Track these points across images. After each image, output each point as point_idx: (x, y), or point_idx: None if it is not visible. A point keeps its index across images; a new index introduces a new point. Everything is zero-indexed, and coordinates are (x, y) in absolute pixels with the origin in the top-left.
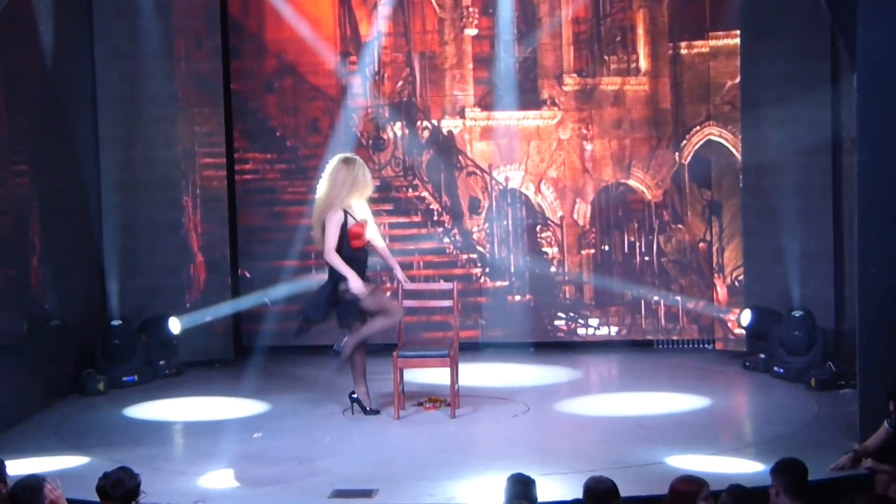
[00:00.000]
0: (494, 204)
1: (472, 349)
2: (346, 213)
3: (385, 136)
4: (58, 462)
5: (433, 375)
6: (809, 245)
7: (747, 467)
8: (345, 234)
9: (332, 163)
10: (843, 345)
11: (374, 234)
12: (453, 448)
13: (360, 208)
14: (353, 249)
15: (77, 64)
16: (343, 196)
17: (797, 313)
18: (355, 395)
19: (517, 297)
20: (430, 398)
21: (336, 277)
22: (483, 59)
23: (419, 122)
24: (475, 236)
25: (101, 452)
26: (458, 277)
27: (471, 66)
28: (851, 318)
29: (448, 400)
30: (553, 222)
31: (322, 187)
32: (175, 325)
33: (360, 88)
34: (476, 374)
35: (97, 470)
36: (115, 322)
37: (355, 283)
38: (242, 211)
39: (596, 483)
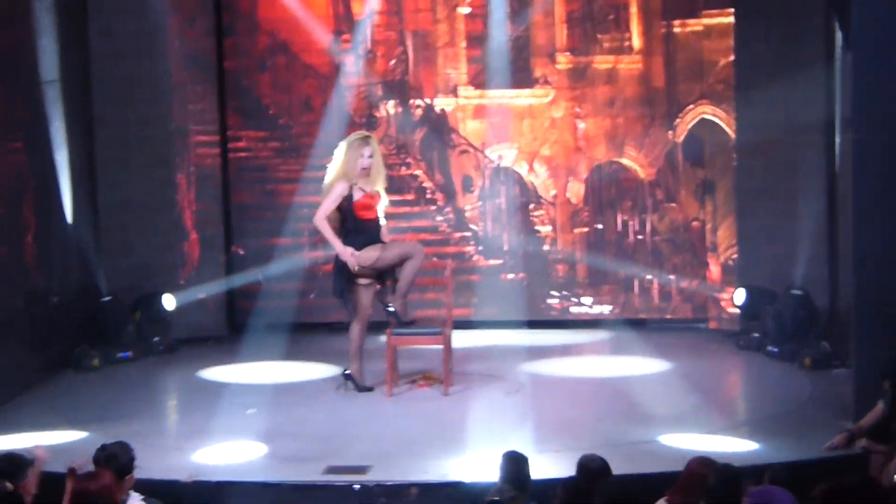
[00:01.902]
0: (487, 182)
1: (465, 327)
2: (351, 186)
3: (378, 115)
4: (53, 437)
5: (426, 353)
6: (803, 224)
7: (741, 446)
8: (349, 205)
9: (347, 139)
10: (837, 324)
11: (380, 213)
12: (446, 425)
13: (375, 187)
14: (361, 220)
15: (71, 41)
16: (349, 172)
17: (796, 292)
18: (348, 372)
19: (510, 276)
20: (423, 376)
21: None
22: (476, 37)
23: (412, 101)
24: (468, 214)
25: (96, 427)
26: (451, 256)
27: (464, 44)
28: (845, 298)
29: (441, 377)
30: (546, 201)
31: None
32: (169, 302)
33: (353, 67)
34: (469, 352)
35: (93, 445)
36: (105, 298)
37: (340, 250)
38: (236, 188)
39: (588, 461)
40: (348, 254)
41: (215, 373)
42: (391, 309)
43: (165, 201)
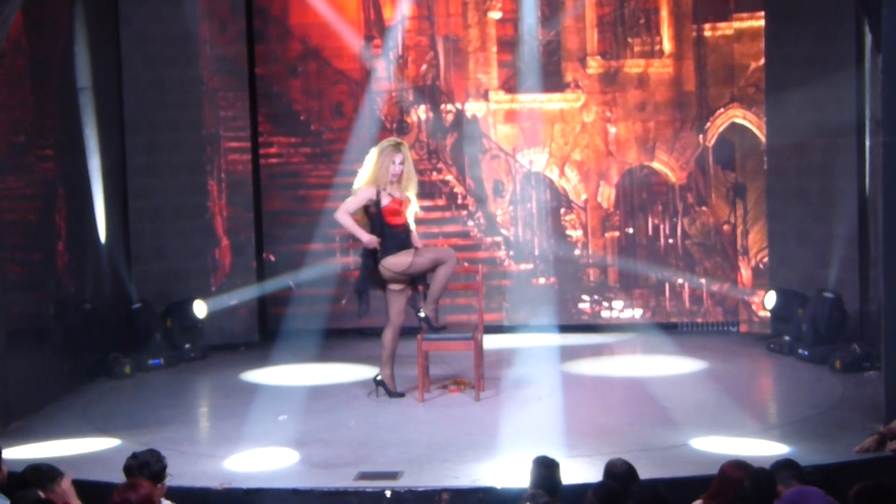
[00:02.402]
0: (518, 187)
1: (497, 331)
2: (379, 192)
3: (409, 120)
4: (85, 444)
5: (457, 358)
6: (834, 227)
7: (773, 449)
8: (378, 211)
9: (379, 145)
10: (868, 327)
11: (409, 218)
12: (477, 430)
13: (406, 193)
14: (390, 226)
15: (102, 48)
16: (380, 178)
17: (828, 295)
18: (380, 378)
19: (541, 280)
20: (454, 381)
21: (366, 250)
22: (507, 41)
23: (443, 106)
24: (499, 219)
25: (128, 435)
26: (482, 261)
27: (494, 49)
28: (876, 300)
29: (472, 383)
30: (577, 205)
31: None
32: (200, 309)
33: (384, 72)
34: (500, 357)
35: (124, 453)
36: (136, 305)
37: (366, 239)
38: (267, 195)
39: (612, 466)
40: (374, 241)
41: (248, 377)
42: (423, 315)
43: (197, 207)
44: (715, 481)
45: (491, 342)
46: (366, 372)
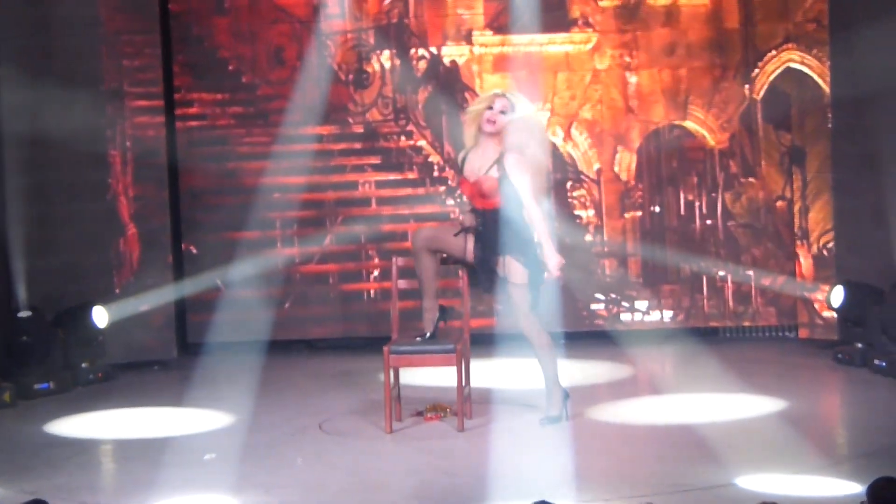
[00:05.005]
0: None
1: (486, 342)
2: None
3: (369, 69)
4: None
5: (436, 377)
6: None
7: (841, 489)
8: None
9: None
10: None
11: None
12: (462, 470)
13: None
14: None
15: None
16: None
17: None
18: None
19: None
20: (431, 406)
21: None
22: None
23: (413, 51)
24: None
25: (8, 481)
26: None
27: None
28: None
29: (455, 408)
30: (588, 177)
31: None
32: (101, 317)
33: (336, 7)
34: (491, 373)
35: None
36: (23, 314)
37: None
38: (186, 168)
39: None
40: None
41: (161, 409)
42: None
43: (95, 186)
44: None
45: (479, 355)
46: (317, 394)
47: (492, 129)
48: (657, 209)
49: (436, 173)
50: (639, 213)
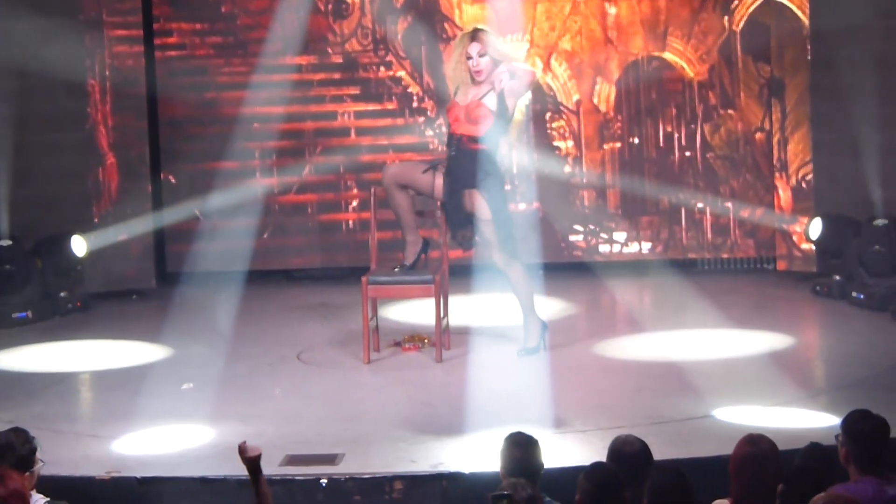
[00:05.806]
0: None
1: (464, 273)
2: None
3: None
4: None
5: (414, 308)
6: None
7: (818, 420)
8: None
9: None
10: None
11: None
12: (440, 400)
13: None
14: None
15: None
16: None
17: (880, 222)
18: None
19: (521, 206)
20: (409, 336)
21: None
22: None
23: None
24: None
25: None
26: None
27: None
28: None
29: (433, 339)
30: (567, 108)
31: None
32: (79, 246)
33: None
34: (469, 305)
35: None
36: (3, 242)
37: None
38: (165, 98)
39: (622, 444)
40: None
41: (139, 337)
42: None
43: (73, 115)
44: (730, 465)
45: (457, 286)
46: (296, 325)
47: (482, 78)
48: (636, 140)
49: (415, 104)
50: (618, 145)
